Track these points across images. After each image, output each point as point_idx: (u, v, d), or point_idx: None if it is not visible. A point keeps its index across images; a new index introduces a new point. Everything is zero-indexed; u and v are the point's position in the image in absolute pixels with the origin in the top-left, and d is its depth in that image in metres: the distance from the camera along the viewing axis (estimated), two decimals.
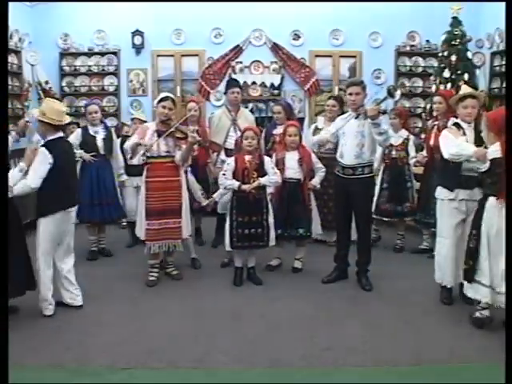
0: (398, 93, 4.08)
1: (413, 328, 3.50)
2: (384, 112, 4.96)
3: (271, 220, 4.33)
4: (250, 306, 3.92)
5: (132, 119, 5.64)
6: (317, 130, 5.37)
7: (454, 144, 3.53)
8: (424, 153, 5.10)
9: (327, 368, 3.00)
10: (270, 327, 3.52)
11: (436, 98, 5.04)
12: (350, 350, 3.20)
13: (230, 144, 5.21)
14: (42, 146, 3.65)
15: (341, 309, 3.86)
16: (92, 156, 4.89)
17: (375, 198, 5.28)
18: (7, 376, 2.48)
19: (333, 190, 4.98)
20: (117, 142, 5.21)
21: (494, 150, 3.29)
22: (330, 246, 5.19)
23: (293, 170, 4.48)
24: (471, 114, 3.69)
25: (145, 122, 5.33)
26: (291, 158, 4.50)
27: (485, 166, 3.36)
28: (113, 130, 5.47)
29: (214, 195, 4.67)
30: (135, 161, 5.05)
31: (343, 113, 4.91)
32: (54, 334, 3.39)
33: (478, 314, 3.45)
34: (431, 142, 4.82)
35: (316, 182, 4.71)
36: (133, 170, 5.13)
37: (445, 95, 5.01)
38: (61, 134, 3.77)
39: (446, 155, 3.58)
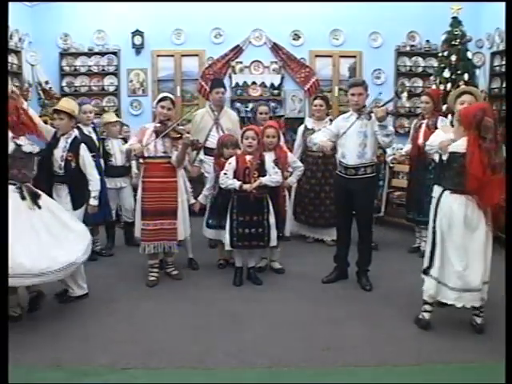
0: (405, 95, 4.11)
1: (413, 328, 3.50)
2: (393, 114, 5.01)
3: (272, 220, 4.33)
4: (250, 305, 3.92)
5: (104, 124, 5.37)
6: (307, 131, 5.39)
7: (432, 137, 3.62)
8: (402, 151, 5.17)
9: (327, 368, 3.00)
10: (270, 327, 3.52)
11: (423, 98, 5.11)
12: (350, 349, 3.20)
13: (211, 143, 5.18)
14: (81, 142, 4.06)
15: (341, 309, 3.86)
16: (92, 156, 4.88)
17: None
18: (7, 376, 2.48)
19: (331, 187, 5.01)
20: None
21: (457, 144, 3.31)
22: (329, 245, 5.20)
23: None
24: None
25: (116, 122, 5.30)
26: (267, 159, 4.42)
27: (444, 159, 3.43)
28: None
29: (199, 198, 4.68)
30: (119, 162, 5.11)
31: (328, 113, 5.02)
32: (54, 333, 3.39)
33: (420, 315, 3.50)
34: (420, 141, 4.87)
35: (291, 180, 4.77)
36: (114, 171, 5.14)
37: (432, 94, 5.07)
38: None
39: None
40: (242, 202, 4.25)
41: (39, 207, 3.54)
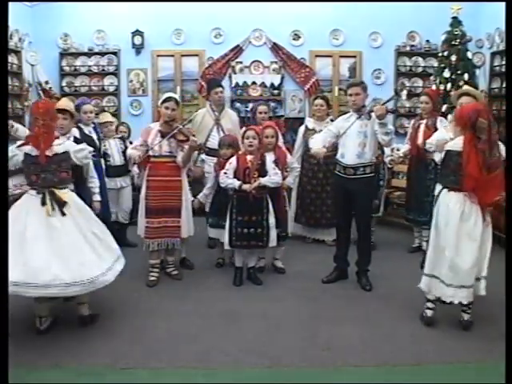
0: (405, 93, 4.13)
1: (413, 328, 3.50)
2: (393, 111, 5.01)
3: (272, 220, 4.33)
4: (250, 305, 3.92)
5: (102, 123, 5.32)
6: (307, 131, 5.39)
7: (433, 136, 3.66)
8: (400, 152, 5.16)
9: (327, 368, 3.01)
10: (270, 327, 3.53)
11: (422, 98, 5.11)
12: (350, 349, 3.20)
13: (212, 144, 5.17)
14: (83, 141, 4.04)
15: (341, 309, 3.86)
16: (92, 156, 4.87)
17: None
18: (7, 376, 2.48)
19: (331, 188, 5.00)
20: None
21: (454, 143, 3.36)
22: (329, 245, 5.20)
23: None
24: None
25: (111, 122, 5.27)
26: (268, 159, 4.43)
27: (440, 157, 3.48)
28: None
29: (198, 196, 4.69)
30: (117, 161, 5.11)
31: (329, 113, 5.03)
32: (55, 333, 3.39)
33: (423, 312, 3.53)
34: (419, 141, 4.88)
35: (289, 181, 4.74)
36: (113, 171, 5.12)
37: (431, 94, 5.06)
38: None
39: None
40: (241, 201, 4.26)
41: (63, 214, 3.36)
